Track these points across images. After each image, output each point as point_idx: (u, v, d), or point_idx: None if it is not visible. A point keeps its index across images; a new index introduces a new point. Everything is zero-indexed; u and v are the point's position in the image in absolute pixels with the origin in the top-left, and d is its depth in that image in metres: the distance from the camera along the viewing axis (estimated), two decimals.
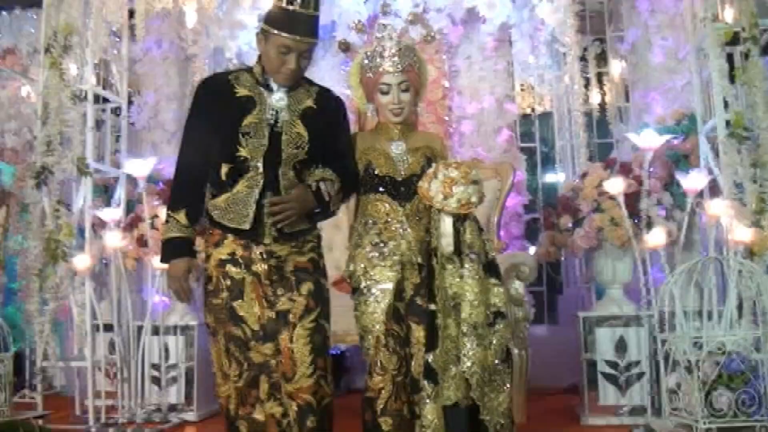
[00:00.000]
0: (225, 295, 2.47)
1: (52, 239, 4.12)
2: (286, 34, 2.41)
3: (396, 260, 2.62)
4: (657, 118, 4.49)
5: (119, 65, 4.81)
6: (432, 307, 2.51)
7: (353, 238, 2.73)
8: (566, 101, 5.83)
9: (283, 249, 2.49)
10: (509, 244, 4.96)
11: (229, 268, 2.47)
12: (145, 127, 5.59)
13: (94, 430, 4.02)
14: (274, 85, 2.50)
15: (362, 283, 2.63)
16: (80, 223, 4.35)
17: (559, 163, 6.26)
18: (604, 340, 4.00)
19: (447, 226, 2.50)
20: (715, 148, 3.69)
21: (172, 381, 4.39)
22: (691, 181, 3.73)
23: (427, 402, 2.47)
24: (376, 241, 2.64)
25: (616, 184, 3.84)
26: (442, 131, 5.25)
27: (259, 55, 2.56)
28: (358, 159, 2.68)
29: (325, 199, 2.49)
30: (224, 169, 2.47)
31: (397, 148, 2.71)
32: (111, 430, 3.98)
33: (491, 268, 2.58)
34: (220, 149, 2.47)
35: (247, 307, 2.46)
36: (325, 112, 2.58)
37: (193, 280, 2.48)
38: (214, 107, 2.51)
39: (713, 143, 3.71)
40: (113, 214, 4.42)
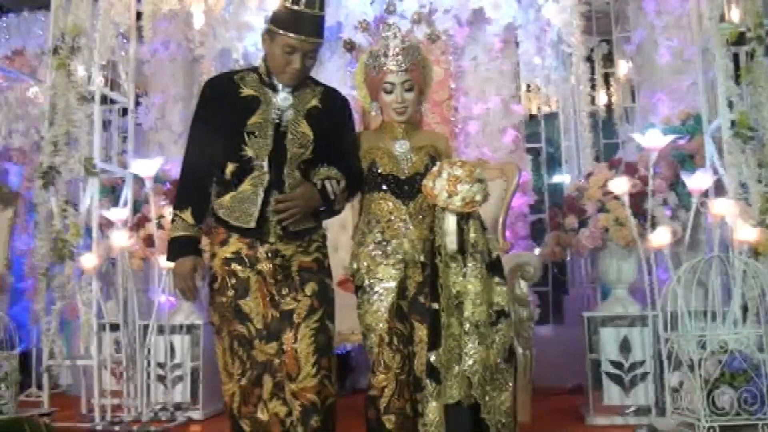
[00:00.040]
0: (230, 294, 2.47)
1: (60, 239, 4.16)
2: (291, 34, 2.42)
3: (399, 258, 2.62)
4: (663, 118, 4.47)
5: (127, 66, 4.84)
6: (435, 305, 2.50)
7: (357, 237, 2.73)
8: (572, 102, 5.83)
9: (289, 248, 2.49)
10: (515, 245, 4.95)
11: (235, 267, 2.48)
12: (152, 128, 5.62)
13: (99, 429, 4.05)
14: (279, 85, 2.51)
15: (365, 281, 2.63)
16: (87, 223, 4.38)
17: (565, 164, 6.25)
18: (609, 340, 3.98)
19: (451, 224, 2.48)
20: (720, 148, 3.68)
21: (177, 380, 4.40)
22: (696, 181, 3.73)
23: (430, 400, 2.46)
24: (379, 240, 2.64)
25: (620, 184, 3.84)
26: (447, 132, 5.25)
27: (264, 55, 2.56)
28: (363, 158, 2.68)
29: (330, 197, 2.50)
30: (229, 169, 2.47)
31: (400, 146, 2.71)
32: (117, 429, 4.00)
33: (495, 267, 2.57)
34: (226, 149, 2.48)
35: (253, 306, 2.47)
36: (331, 112, 2.59)
37: (199, 279, 2.49)
38: (220, 107, 2.52)
39: (718, 143, 3.71)
40: (120, 214, 4.45)
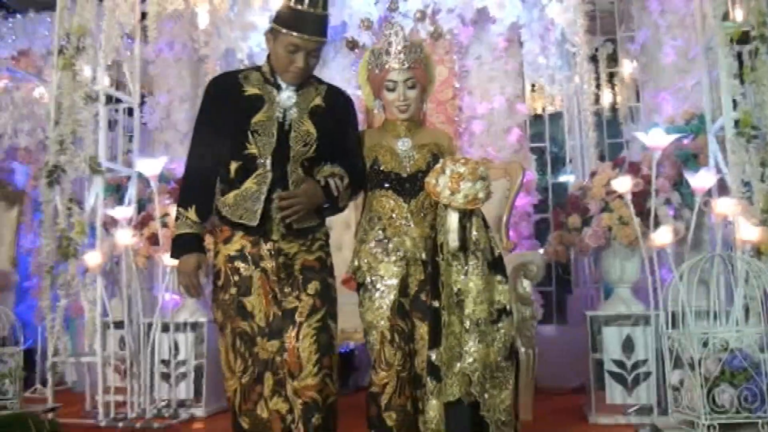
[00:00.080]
0: (233, 291, 2.48)
1: (65, 237, 4.18)
2: (294, 33, 2.42)
3: (400, 256, 2.63)
4: (667, 117, 4.46)
5: (132, 66, 4.85)
6: (435, 303, 2.50)
7: (359, 234, 2.74)
8: (576, 101, 5.83)
9: (292, 246, 2.50)
10: (519, 244, 4.95)
11: (238, 264, 2.49)
12: (157, 128, 5.65)
13: (103, 425, 4.07)
14: (282, 84, 2.52)
15: (367, 278, 2.64)
16: (92, 222, 4.40)
17: (570, 164, 6.25)
18: (612, 340, 3.97)
19: (453, 221, 2.48)
20: (723, 147, 3.67)
21: (181, 377, 4.42)
22: (699, 180, 3.72)
23: (430, 398, 2.46)
24: (381, 237, 2.65)
25: (623, 183, 3.83)
26: (451, 131, 5.26)
27: (268, 54, 2.58)
28: (366, 155, 2.69)
29: (334, 194, 2.51)
30: (233, 167, 2.48)
31: (403, 144, 2.71)
32: (120, 425, 4.02)
33: (497, 266, 2.56)
34: (230, 147, 2.49)
35: (255, 303, 2.48)
36: (334, 110, 2.59)
37: (203, 276, 2.50)
38: (224, 105, 2.53)
39: (722, 142, 3.70)
40: (125, 213, 4.47)
